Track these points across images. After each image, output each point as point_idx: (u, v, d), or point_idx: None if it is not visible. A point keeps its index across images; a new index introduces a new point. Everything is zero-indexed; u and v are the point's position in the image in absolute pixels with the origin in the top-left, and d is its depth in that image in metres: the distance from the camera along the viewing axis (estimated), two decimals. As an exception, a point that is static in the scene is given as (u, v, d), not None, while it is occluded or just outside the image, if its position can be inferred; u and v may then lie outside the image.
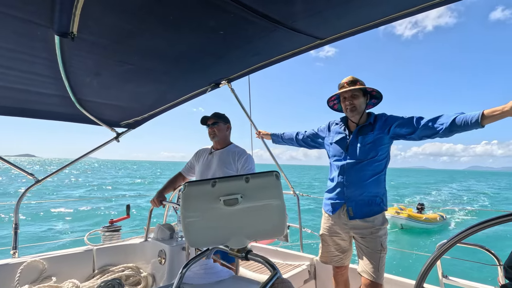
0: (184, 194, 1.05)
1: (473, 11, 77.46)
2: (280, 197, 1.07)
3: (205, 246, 1.14)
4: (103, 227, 2.52)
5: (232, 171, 2.20)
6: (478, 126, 1.57)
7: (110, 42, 1.57)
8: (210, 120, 2.35)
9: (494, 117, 1.51)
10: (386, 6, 1.49)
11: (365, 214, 1.89)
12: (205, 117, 2.39)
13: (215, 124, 2.32)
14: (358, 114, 1.97)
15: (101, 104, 2.47)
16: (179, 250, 2.04)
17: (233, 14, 1.33)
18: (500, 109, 1.48)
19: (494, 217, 0.80)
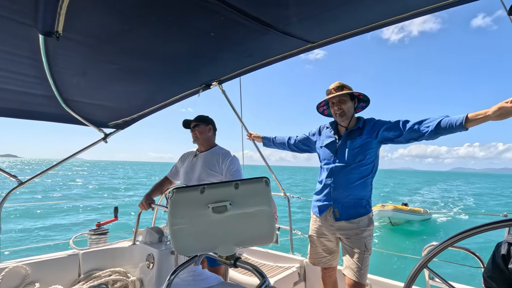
0: (172, 201, 1.03)
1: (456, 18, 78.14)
2: (269, 203, 1.06)
3: (193, 253, 1.12)
4: (89, 230, 2.47)
5: (217, 173, 2.19)
6: (462, 129, 1.60)
7: (97, 42, 1.53)
8: (192, 123, 2.33)
9: (478, 120, 1.55)
10: (376, 12, 1.50)
11: (350, 215, 1.93)
12: (186, 120, 2.37)
13: (196, 127, 2.30)
14: (347, 118, 2.00)
15: (88, 104, 2.41)
16: (167, 254, 2.01)
17: (223, 16, 1.31)
18: (483, 113, 1.51)
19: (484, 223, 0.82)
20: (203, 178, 2.18)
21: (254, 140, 2.79)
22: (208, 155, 2.29)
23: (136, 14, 1.31)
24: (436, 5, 1.35)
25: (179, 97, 2.62)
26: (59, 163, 2.66)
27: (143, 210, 2.23)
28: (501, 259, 1.17)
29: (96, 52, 1.63)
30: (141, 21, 1.36)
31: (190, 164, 2.33)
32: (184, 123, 2.37)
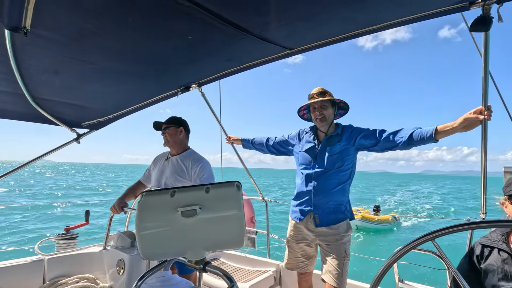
0: (140, 204, 1.01)
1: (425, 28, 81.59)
2: (240, 207, 1.06)
3: (161, 258, 1.10)
4: (57, 234, 2.35)
5: (185, 179, 2.12)
6: (433, 140, 1.68)
7: (69, 40, 1.48)
8: (163, 125, 2.25)
9: (446, 132, 1.63)
10: (352, 22, 1.55)
11: (330, 221, 1.94)
12: (156, 122, 2.29)
13: (166, 129, 2.23)
14: (327, 124, 2.04)
15: (60, 103, 2.32)
16: (139, 259, 1.95)
17: (200, 19, 1.31)
18: (451, 125, 1.60)
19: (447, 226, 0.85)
20: (172, 184, 2.09)
21: (233, 143, 2.78)
22: (178, 159, 2.20)
23: (110, 15, 1.28)
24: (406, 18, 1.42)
25: (157, 99, 2.58)
26: (26, 163, 2.53)
27: (115, 213, 2.15)
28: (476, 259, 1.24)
29: (68, 51, 1.58)
30: (116, 22, 1.33)
31: (161, 167, 2.26)
32: (155, 125, 2.28)
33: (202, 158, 2.21)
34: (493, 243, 1.22)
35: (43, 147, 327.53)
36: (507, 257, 1.16)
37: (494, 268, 1.17)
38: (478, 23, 1.25)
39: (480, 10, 1.24)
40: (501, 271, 1.15)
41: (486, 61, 1.37)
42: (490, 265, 1.19)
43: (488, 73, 1.38)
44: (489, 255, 1.21)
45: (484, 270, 1.21)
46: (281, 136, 2.41)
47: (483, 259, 1.24)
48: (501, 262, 1.16)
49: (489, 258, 1.21)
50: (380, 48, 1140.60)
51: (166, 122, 2.25)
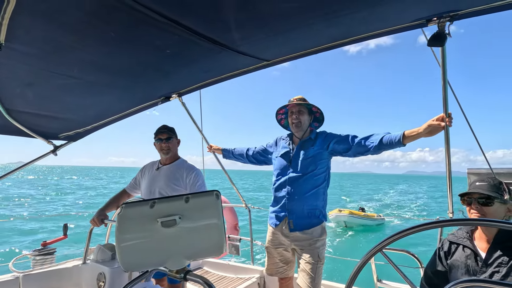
0: (120, 216, 1.02)
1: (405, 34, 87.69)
2: (219, 216, 1.09)
3: (141, 269, 1.11)
4: (33, 250, 2.27)
5: (180, 187, 2.14)
6: (401, 145, 1.79)
7: (45, 54, 1.48)
8: (164, 134, 2.23)
9: (412, 137, 1.74)
10: (324, 36, 1.64)
11: (304, 226, 1.99)
12: (161, 130, 2.25)
13: (169, 140, 2.21)
14: (302, 130, 2.11)
15: (35, 115, 2.27)
16: (120, 272, 1.92)
17: (177, 35, 1.35)
18: (416, 131, 1.71)
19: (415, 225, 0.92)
20: (166, 193, 2.11)
21: (215, 152, 2.81)
22: (171, 168, 2.21)
23: (87, 29, 1.30)
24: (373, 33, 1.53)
25: (137, 109, 2.58)
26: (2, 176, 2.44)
27: (95, 226, 2.11)
28: (443, 255, 1.33)
29: (43, 64, 1.57)
30: (93, 36, 1.35)
31: (152, 176, 2.23)
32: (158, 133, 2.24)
33: (194, 166, 2.26)
34: (458, 240, 1.31)
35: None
36: (470, 253, 1.24)
37: (458, 264, 1.26)
38: (434, 38, 1.37)
39: (436, 27, 1.36)
40: (464, 266, 1.23)
41: (444, 72, 1.49)
42: (455, 261, 1.27)
43: (447, 83, 1.51)
44: (455, 251, 1.30)
45: (450, 265, 1.29)
46: (260, 145, 2.47)
47: (449, 254, 1.32)
48: (465, 258, 1.24)
49: (455, 254, 1.29)
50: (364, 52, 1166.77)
51: (170, 132, 2.24)
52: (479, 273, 1.18)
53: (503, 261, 1.14)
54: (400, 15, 1.40)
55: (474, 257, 1.23)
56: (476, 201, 1.25)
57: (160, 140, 2.21)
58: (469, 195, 1.27)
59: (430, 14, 1.34)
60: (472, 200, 1.26)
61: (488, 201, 1.22)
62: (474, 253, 1.24)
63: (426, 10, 1.33)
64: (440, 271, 1.34)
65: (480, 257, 1.21)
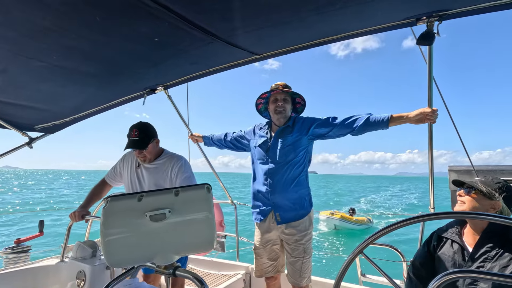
0: (105, 210, 0.97)
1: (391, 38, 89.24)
2: (210, 210, 1.06)
3: (128, 265, 1.07)
4: (6, 248, 2.14)
5: (167, 184, 2.00)
6: (386, 127, 1.79)
7: (21, 37, 1.37)
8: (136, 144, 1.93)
9: (399, 121, 1.74)
10: (315, 31, 1.64)
11: (291, 218, 1.96)
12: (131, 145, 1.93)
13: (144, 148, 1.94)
14: (284, 118, 2.06)
15: (9, 104, 2.13)
16: (101, 269, 1.84)
17: (167, 22, 1.30)
18: (405, 115, 1.72)
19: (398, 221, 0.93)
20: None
21: (197, 140, 2.73)
22: (154, 168, 2.04)
23: (71, 13, 1.22)
24: (364, 30, 1.54)
25: (120, 101, 2.48)
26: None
27: (74, 221, 2.00)
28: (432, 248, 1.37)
29: (19, 48, 1.46)
30: (76, 21, 1.27)
31: (133, 173, 2.07)
32: (128, 143, 1.95)
33: (179, 156, 2.08)
34: (447, 234, 1.35)
35: None
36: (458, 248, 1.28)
37: (445, 257, 1.30)
38: (423, 37, 1.40)
39: (425, 26, 1.39)
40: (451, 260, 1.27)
41: (430, 70, 1.53)
42: (442, 254, 1.31)
43: (432, 81, 1.55)
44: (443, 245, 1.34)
45: (437, 258, 1.33)
46: (238, 131, 2.39)
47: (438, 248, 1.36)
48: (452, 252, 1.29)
49: (443, 247, 1.33)
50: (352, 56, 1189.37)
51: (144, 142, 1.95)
52: (464, 267, 1.22)
53: (488, 257, 1.18)
54: (390, 13, 1.42)
55: (461, 251, 1.27)
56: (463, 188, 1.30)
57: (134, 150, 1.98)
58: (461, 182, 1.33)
59: (419, 13, 1.37)
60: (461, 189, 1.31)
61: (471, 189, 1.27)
62: (462, 248, 1.27)
63: (416, 9, 1.35)
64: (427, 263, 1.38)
65: (467, 251, 1.25)
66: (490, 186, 1.27)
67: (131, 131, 1.98)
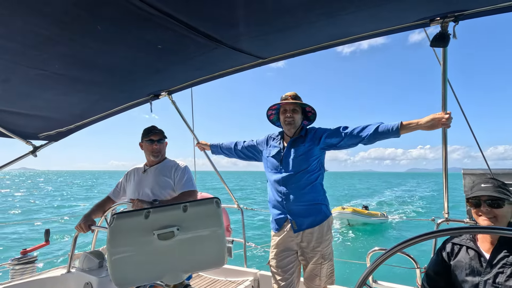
0: (112, 228, 0.93)
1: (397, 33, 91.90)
2: (220, 225, 1.02)
3: (136, 285, 1.03)
4: (12, 259, 2.12)
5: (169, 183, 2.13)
6: (397, 135, 1.74)
7: (24, 47, 1.35)
8: (156, 135, 2.17)
9: (410, 128, 1.69)
10: (323, 35, 1.59)
11: (308, 225, 1.92)
12: (153, 131, 2.19)
13: (161, 141, 2.19)
14: (294, 128, 2.05)
15: (13, 113, 2.11)
16: (108, 281, 1.81)
17: (172, 30, 1.26)
18: (415, 122, 1.67)
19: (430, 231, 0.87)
20: (156, 191, 2.08)
21: (204, 148, 2.71)
22: (158, 167, 2.20)
23: (73, 22, 1.19)
24: (375, 32, 1.49)
25: (124, 107, 2.45)
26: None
27: (81, 232, 1.98)
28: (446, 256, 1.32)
29: (21, 58, 1.44)
30: (81, 29, 1.24)
31: (139, 179, 2.19)
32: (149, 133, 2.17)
33: (181, 162, 2.25)
34: (461, 241, 1.31)
35: None
36: (474, 254, 1.24)
37: (462, 265, 1.26)
38: (437, 39, 1.34)
39: (439, 27, 1.33)
40: (469, 267, 1.23)
41: (444, 72, 1.47)
42: (459, 262, 1.27)
43: (447, 83, 1.49)
44: (458, 253, 1.30)
45: (453, 266, 1.29)
46: (249, 140, 2.37)
47: (452, 256, 1.31)
48: (469, 259, 1.25)
49: (458, 255, 1.29)
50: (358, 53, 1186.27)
51: (162, 134, 2.21)
52: (483, 274, 1.19)
53: (507, 262, 1.15)
54: (403, 15, 1.36)
55: (478, 258, 1.23)
56: (486, 203, 1.24)
57: (152, 142, 2.15)
58: (477, 198, 1.26)
59: (433, 14, 1.31)
60: (480, 203, 1.25)
61: (499, 202, 1.22)
62: (478, 254, 1.24)
63: (429, 10, 1.29)
64: (443, 272, 1.33)
65: (484, 258, 1.22)
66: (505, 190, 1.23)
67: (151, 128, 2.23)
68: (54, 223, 14.78)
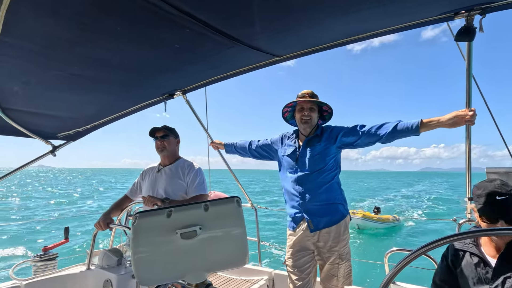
0: (135, 227, 0.95)
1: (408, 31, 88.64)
2: (241, 224, 1.02)
3: (159, 283, 1.04)
4: (34, 256, 2.18)
5: (182, 184, 2.15)
6: (417, 133, 1.69)
7: (43, 49, 1.37)
8: (159, 132, 2.24)
9: (431, 126, 1.64)
10: (339, 31, 1.56)
11: (325, 224, 1.90)
12: (154, 128, 2.28)
13: (165, 138, 2.23)
14: (310, 127, 2.02)
15: (33, 114, 2.16)
16: (128, 278, 1.84)
17: (189, 29, 1.26)
18: (437, 119, 1.61)
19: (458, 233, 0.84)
20: (169, 192, 2.12)
21: (218, 148, 2.71)
22: (172, 168, 2.22)
23: (94, 23, 1.20)
24: (395, 27, 1.45)
25: (139, 107, 2.48)
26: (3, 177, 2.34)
27: (100, 230, 2.02)
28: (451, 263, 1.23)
29: (41, 59, 1.47)
30: (99, 30, 1.26)
31: (153, 178, 2.23)
32: (152, 132, 2.26)
33: (195, 164, 2.27)
34: (464, 246, 1.21)
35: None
36: (478, 261, 1.15)
37: (468, 273, 1.17)
38: (462, 33, 1.29)
39: (464, 21, 1.28)
40: (476, 275, 1.14)
41: (469, 67, 1.42)
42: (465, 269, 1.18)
43: (471, 79, 1.44)
44: (462, 259, 1.20)
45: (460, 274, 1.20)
46: (264, 139, 2.35)
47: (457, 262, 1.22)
48: (474, 266, 1.16)
49: (462, 262, 1.20)
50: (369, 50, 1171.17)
51: (166, 130, 2.24)
52: (491, 282, 1.10)
53: None
54: (424, 9, 1.32)
55: (483, 264, 1.14)
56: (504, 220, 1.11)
57: (156, 138, 2.24)
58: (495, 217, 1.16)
59: (457, 7, 1.26)
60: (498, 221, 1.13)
61: None
62: (483, 260, 1.14)
63: (453, 3, 1.25)
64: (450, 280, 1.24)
65: (489, 264, 1.13)
66: None
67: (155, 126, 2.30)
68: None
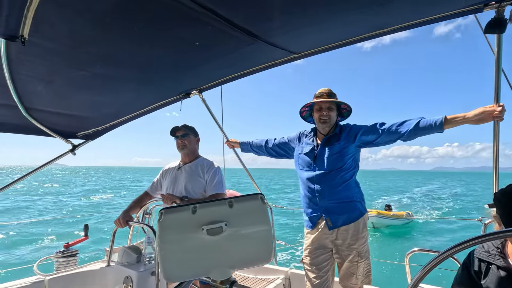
0: (160, 223, 0.95)
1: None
2: (267, 221, 1.01)
3: (184, 279, 1.04)
4: (56, 252, 2.23)
5: (201, 184, 2.19)
6: (440, 130, 1.63)
7: (67, 48, 1.40)
8: (179, 131, 2.28)
9: (456, 122, 1.58)
10: (357, 27, 1.54)
11: (343, 222, 1.88)
12: (175, 128, 2.30)
13: (185, 136, 2.26)
14: (328, 126, 1.98)
15: (54, 113, 2.21)
16: (147, 275, 1.86)
17: (211, 26, 1.26)
18: (462, 116, 1.56)
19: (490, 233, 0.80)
20: (188, 189, 2.15)
21: (233, 146, 2.70)
22: (192, 166, 2.26)
23: (113, 23, 1.22)
24: (419, 21, 1.41)
25: (156, 106, 2.51)
26: (24, 176, 2.41)
27: (119, 227, 2.06)
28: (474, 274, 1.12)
29: (64, 59, 1.50)
30: (122, 29, 1.27)
31: (174, 176, 2.27)
32: (173, 131, 2.30)
33: (214, 163, 2.30)
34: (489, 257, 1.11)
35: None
36: (505, 275, 1.04)
37: None
38: (492, 25, 1.24)
39: (494, 12, 1.23)
40: None
41: (499, 61, 1.37)
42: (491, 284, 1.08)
43: (501, 73, 1.38)
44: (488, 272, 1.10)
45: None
46: (280, 138, 2.32)
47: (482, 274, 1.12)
48: (501, 281, 1.05)
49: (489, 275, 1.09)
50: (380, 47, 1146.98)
51: (186, 129, 2.29)
52: None
53: None
54: (451, 0, 1.28)
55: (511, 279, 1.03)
56: None
57: (176, 137, 2.27)
58: None
59: None
60: None
61: None
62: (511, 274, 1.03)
63: None
64: None
65: None
66: None
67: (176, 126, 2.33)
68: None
